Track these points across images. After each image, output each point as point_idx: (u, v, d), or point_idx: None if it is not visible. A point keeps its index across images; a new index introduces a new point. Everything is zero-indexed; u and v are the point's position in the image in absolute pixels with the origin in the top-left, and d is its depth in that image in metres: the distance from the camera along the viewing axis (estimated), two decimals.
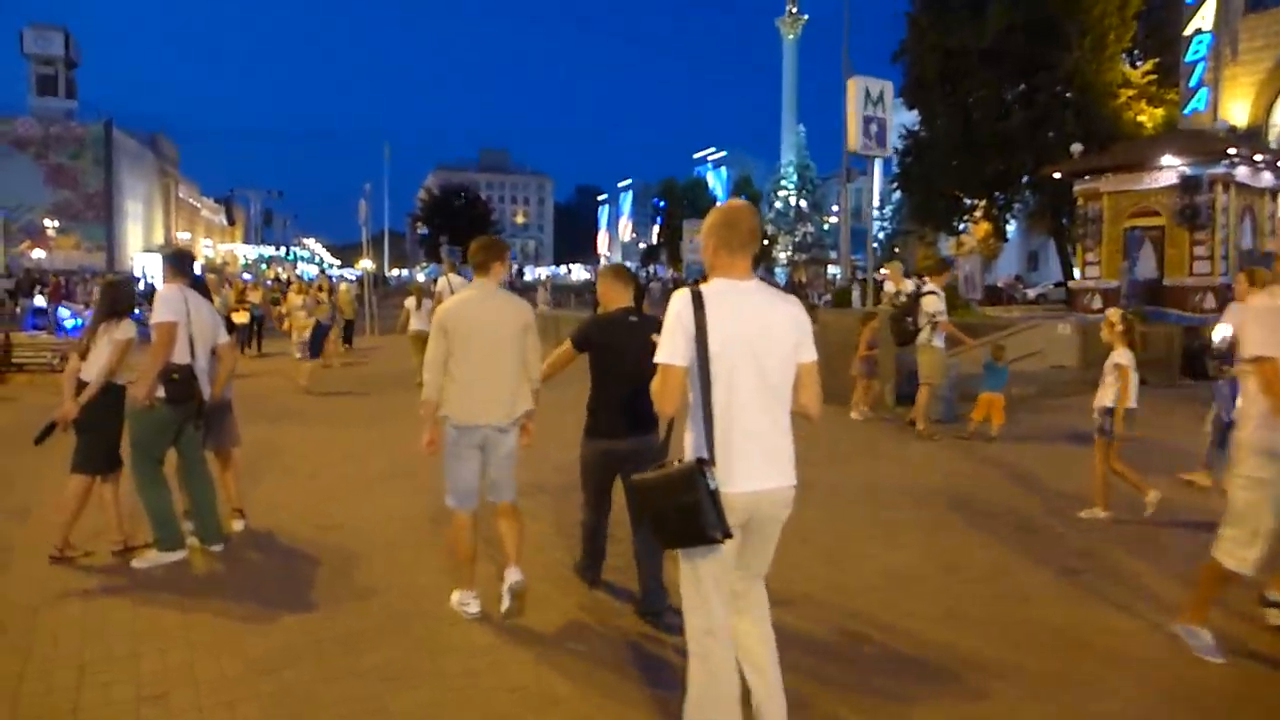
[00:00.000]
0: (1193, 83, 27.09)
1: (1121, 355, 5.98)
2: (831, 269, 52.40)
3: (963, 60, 29.49)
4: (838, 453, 8.02)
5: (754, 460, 2.78)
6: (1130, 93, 29.60)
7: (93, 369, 5.05)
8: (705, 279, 2.95)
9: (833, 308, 17.25)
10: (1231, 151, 17.12)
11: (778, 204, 62.33)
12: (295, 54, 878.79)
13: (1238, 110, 25.72)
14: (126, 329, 5.13)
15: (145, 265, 57.72)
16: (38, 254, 60.75)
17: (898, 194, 62.82)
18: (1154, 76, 29.98)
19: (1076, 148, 21.03)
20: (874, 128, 11.02)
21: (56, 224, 64.37)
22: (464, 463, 4.28)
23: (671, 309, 2.79)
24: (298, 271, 70.66)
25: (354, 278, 47.06)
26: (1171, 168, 17.43)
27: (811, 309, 4.75)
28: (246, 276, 62.95)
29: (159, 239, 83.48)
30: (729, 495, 2.70)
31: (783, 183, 63.60)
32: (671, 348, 2.77)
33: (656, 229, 73.78)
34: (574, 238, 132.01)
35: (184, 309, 5.08)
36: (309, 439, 9.05)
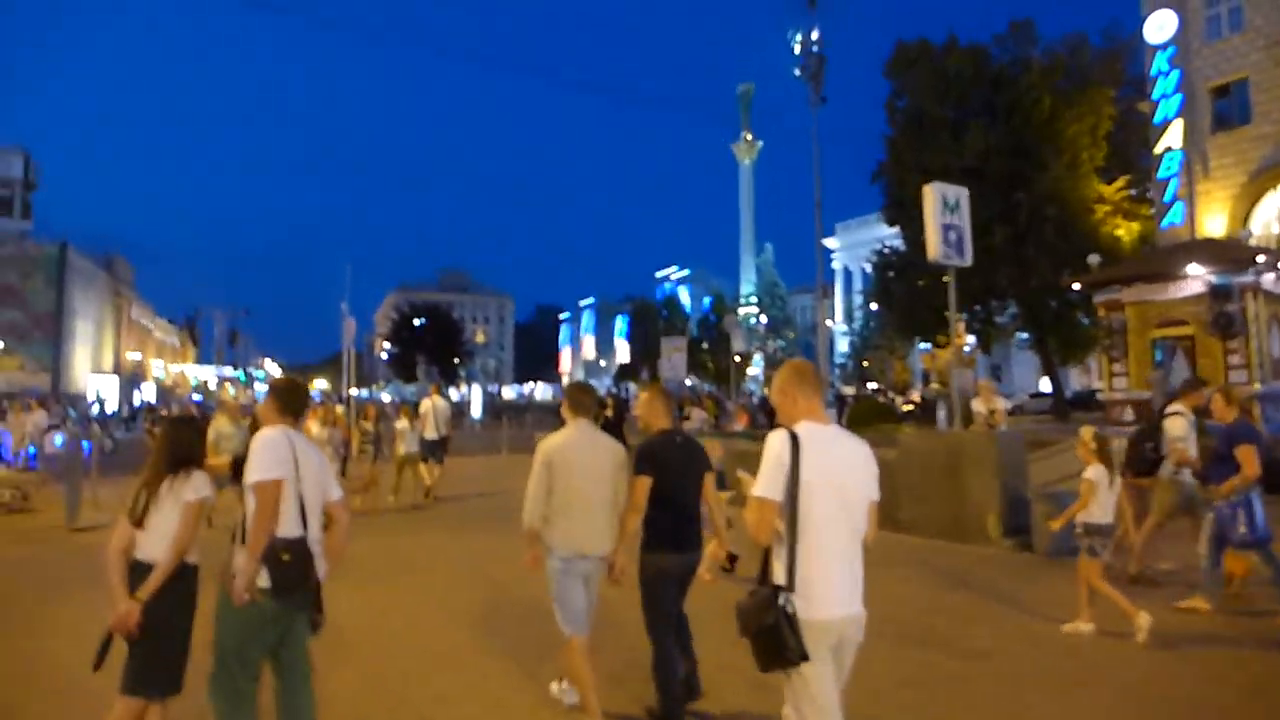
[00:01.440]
0: (1167, 198, 27.79)
1: (1090, 471, 6.04)
2: None
3: (942, 179, 29.83)
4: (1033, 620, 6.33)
5: (838, 588, 3.02)
6: (1106, 208, 30.26)
7: (155, 544, 3.60)
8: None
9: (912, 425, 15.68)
10: (1260, 259, 17.00)
11: (749, 322, 62.60)
12: (256, 176, 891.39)
13: (1214, 223, 26.20)
14: (199, 485, 3.72)
15: (98, 388, 55.32)
16: None
17: (870, 307, 64.20)
18: (1126, 193, 30.77)
19: (1094, 258, 21.00)
20: (953, 235, 10.42)
21: (1, 345, 61.97)
22: (572, 592, 4.50)
23: (770, 449, 3.06)
24: (253, 392, 68.58)
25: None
26: (1197, 277, 17.23)
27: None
28: (196, 398, 60.84)
29: (108, 360, 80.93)
30: (812, 622, 2.92)
31: (750, 299, 64.00)
32: (769, 483, 3.02)
33: (628, 348, 73.51)
34: (536, 356, 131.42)
35: (292, 459, 3.65)
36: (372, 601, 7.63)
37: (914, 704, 4.89)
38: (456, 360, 68.36)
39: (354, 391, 64.06)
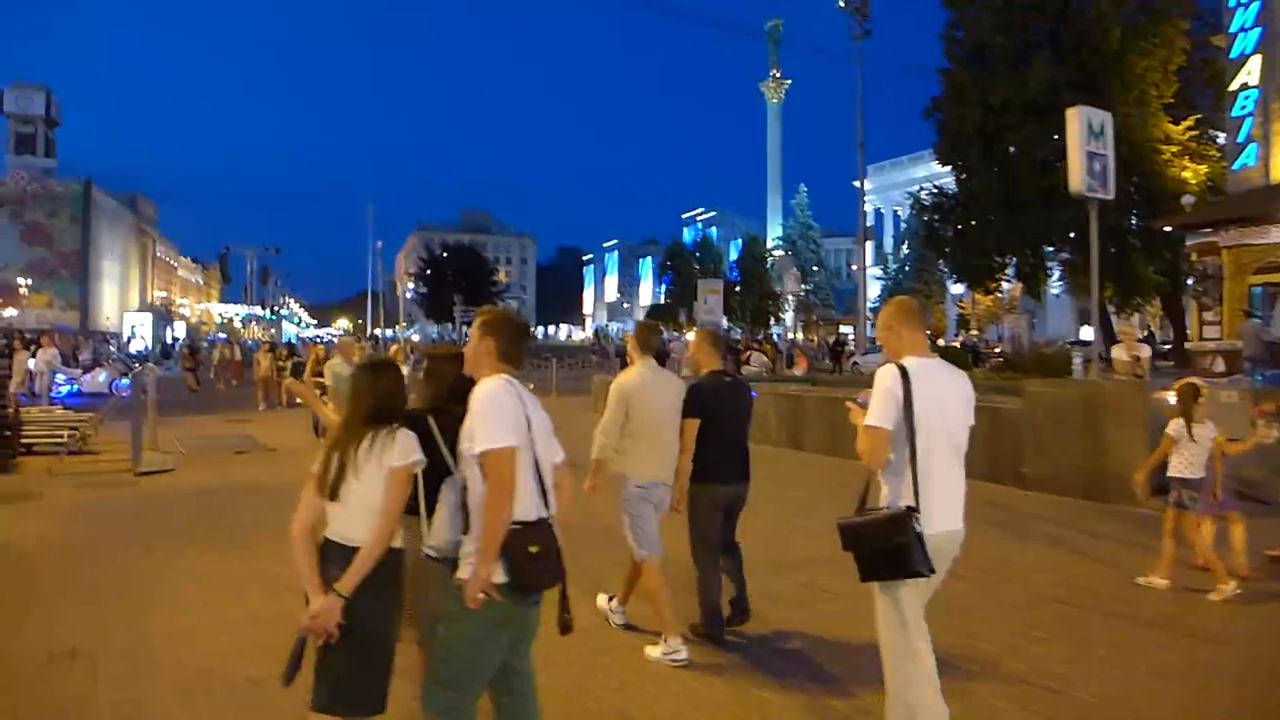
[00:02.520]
0: (1240, 138, 26.32)
1: (1171, 425, 6.06)
2: (844, 328, 51.21)
3: (1004, 115, 28.68)
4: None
5: (948, 507, 3.33)
6: (1173, 149, 28.86)
7: (352, 521, 2.82)
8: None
9: (1037, 377, 14.29)
10: None
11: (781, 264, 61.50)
12: (276, 116, 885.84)
13: None
14: (408, 447, 2.87)
15: (134, 324, 55.12)
16: (9, 312, 58.21)
17: (903, 251, 62.78)
18: (1195, 133, 29.33)
19: (1188, 199, 19.82)
20: (1097, 165, 9.55)
21: (29, 282, 61.88)
22: (648, 517, 4.84)
23: (882, 382, 3.30)
24: (273, 332, 68.33)
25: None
26: None
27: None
28: (221, 336, 60.74)
29: (135, 298, 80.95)
30: (929, 536, 3.20)
31: (783, 241, 62.68)
32: (882, 413, 3.27)
33: (653, 289, 72.46)
34: (557, 298, 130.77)
35: (524, 419, 2.87)
36: None
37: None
38: (487, 301, 67.82)
39: (379, 331, 63.62)
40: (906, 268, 59.97)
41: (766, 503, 7.09)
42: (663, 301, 70.92)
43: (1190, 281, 27.09)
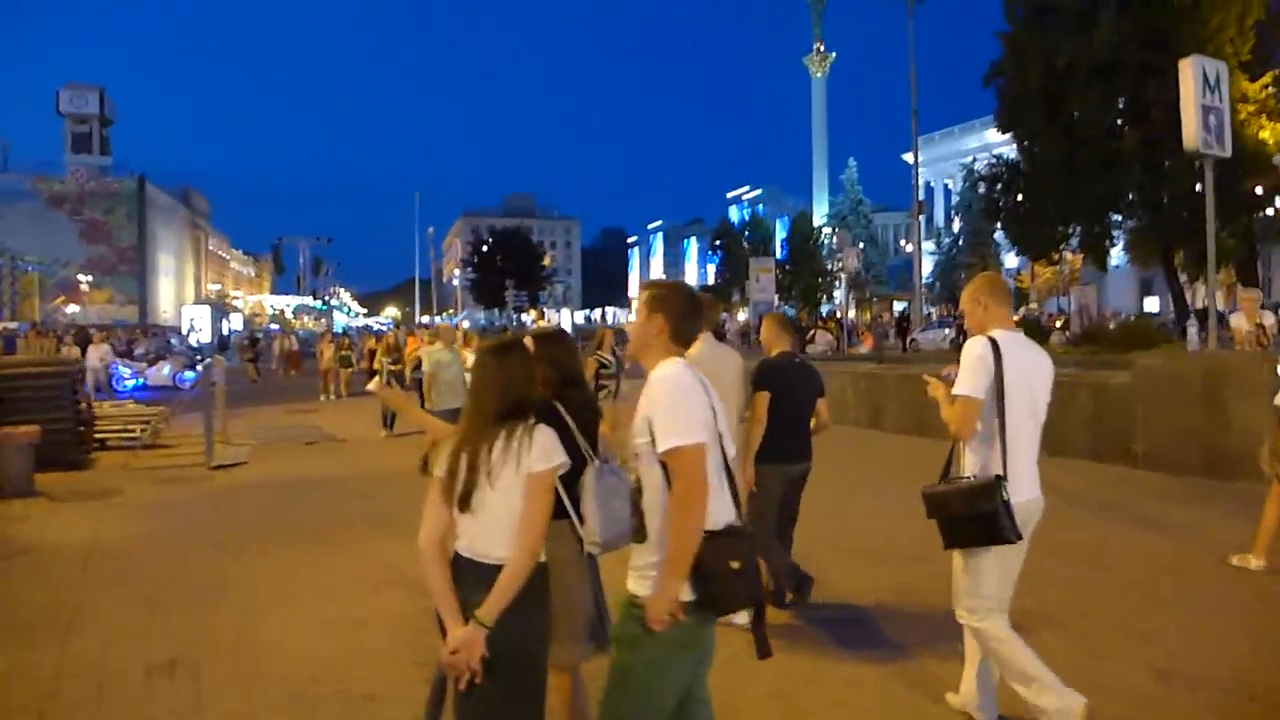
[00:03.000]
0: None
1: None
2: (897, 305, 50.08)
3: (1068, 78, 27.57)
4: None
5: (1031, 475, 3.48)
6: (1250, 108, 27.49)
7: (490, 535, 2.43)
8: None
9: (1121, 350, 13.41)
10: None
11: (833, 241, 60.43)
12: (324, 108, 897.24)
13: None
14: (549, 448, 2.47)
15: (193, 318, 56.08)
16: (72, 308, 59.67)
17: (958, 225, 61.23)
18: (1272, 90, 27.91)
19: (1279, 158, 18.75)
20: (1213, 120, 8.89)
21: (90, 278, 63.33)
22: None
23: (974, 352, 3.41)
24: (323, 322, 68.89)
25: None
26: None
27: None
28: (274, 328, 61.47)
29: (190, 291, 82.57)
30: (1016, 505, 3.29)
31: (835, 218, 61.54)
32: (975, 383, 3.37)
33: (698, 269, 71.64)
34: (602, 281, 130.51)
35: (711, 411, 2.52)
36: None
37: None
38: (538, 286, 67.67)
39: (427, 319, 64.03)
40: (960, 241, 58.48)
41: (836, 484, 7.18)
42: (711, 281, 70.18)
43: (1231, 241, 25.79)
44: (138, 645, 4.74)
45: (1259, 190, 19.33)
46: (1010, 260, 57.19)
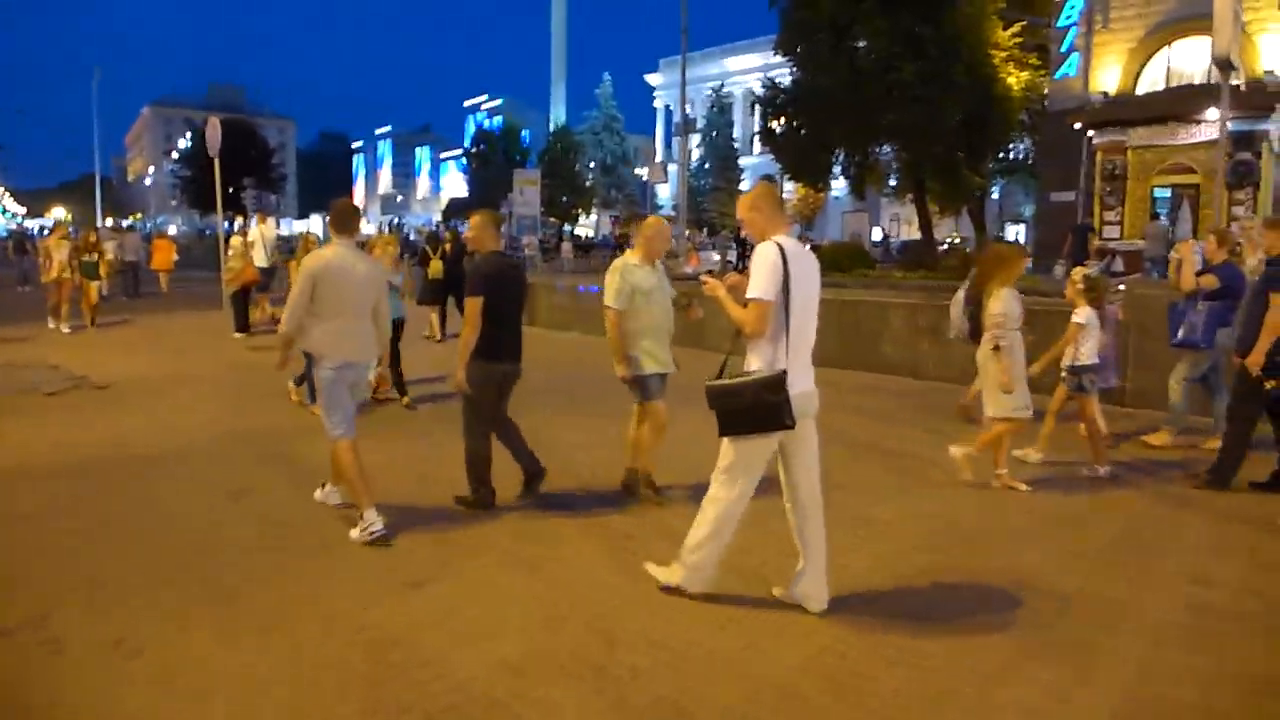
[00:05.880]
0: (1064, 47, 27.39)
1: (1079, 314, 6.48)
2: None
3: (854, 6, 27.88)
4: None
5: (807, 369, 3.93)
6: (1001, 54, 29.44)
7: None
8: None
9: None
10: None
11: (595, 156, 58.71)
12: None
13: (1107, 77, 26.04)
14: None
15: None
16: None
17: (697, 152, 61.94)
18: (1020, 39, 30.06)
19: (1096, 98, 19.73)
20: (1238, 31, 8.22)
21: None
22: (341, 398, 5.09)
23: (766, 257, 3.73)
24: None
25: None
26: (1213, 122, 16.38)
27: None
28: None
29: None
30: (795, 395, 3.73)
31: (595, 135, 59.79)
32: (768, 286, 3.70)
33: (464, 179, 66.50)
34: (319, 188, 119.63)
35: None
36: None
37: None
38: (267, 187, 59.50)
39: (110, 222, 54.18)
40: (706, 165, 59.48)
41: None
42: (464, 194, 65.98)
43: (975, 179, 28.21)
44: None
45: (1077, 126, 20.52)
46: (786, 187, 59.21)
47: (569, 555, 4.79)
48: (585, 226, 62.54)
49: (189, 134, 64.78)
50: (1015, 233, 47.22)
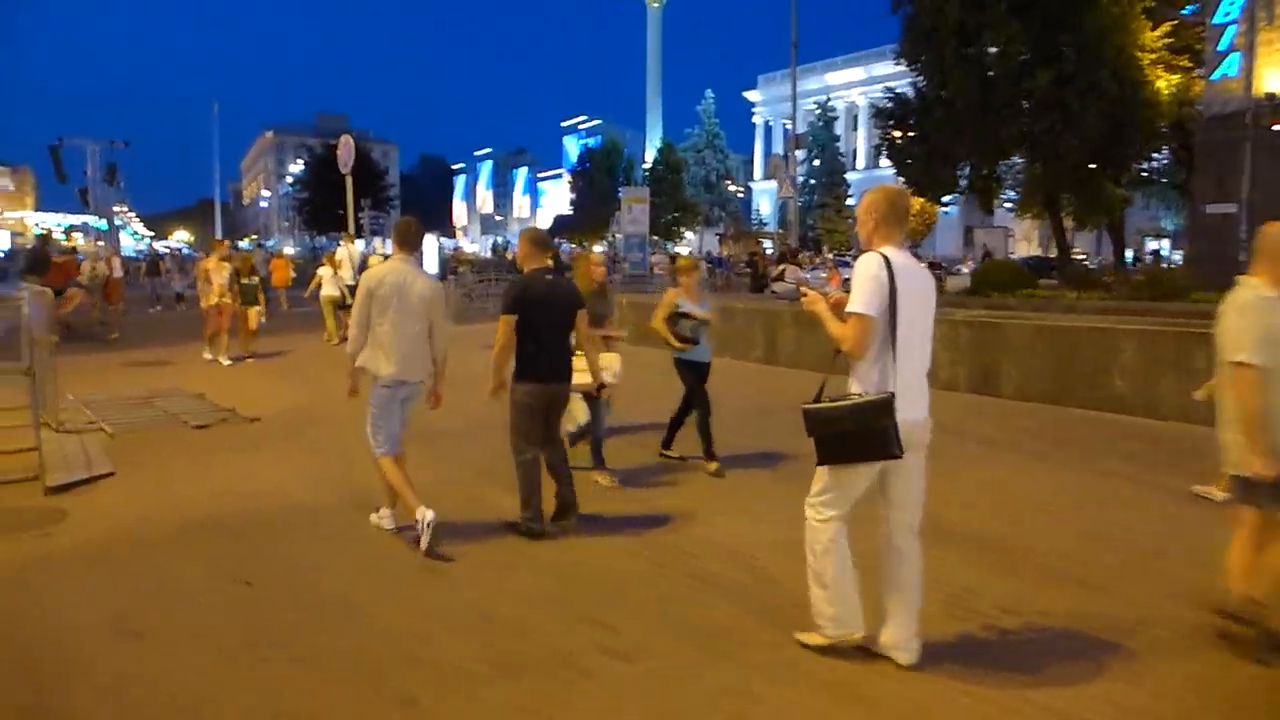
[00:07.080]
0: (1222, 46, 25.16)
1: None
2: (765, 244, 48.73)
3: (983, 12, 26.42)
4: None
5: (920, 395, 3.55)
6: (1150, 57, 27.43)
7: None
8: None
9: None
10: None
11: (698, 174, 58.04)
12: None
13: (1273, 78, 23.80)
14: None
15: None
16: None
17: (810, 166, 60.59)
18: (1170, 40, 27.96)
19: (1263, 100, 17.85)
20: None
21: None
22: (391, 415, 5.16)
23: (868, 270, 3.41)
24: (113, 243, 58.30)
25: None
26: None
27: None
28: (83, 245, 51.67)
29: None
30: (902, 422, 3.36)
31: (698, 152, 59.17)
32: (870, 301, 3.38)
33: (569, 200, 66.66)
34: (420, 210, 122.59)
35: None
36: None
37: None
38: (379, 208, 60.86)
39: (244, 244, 56.27)
40: (812, 181, 58.11)
41: None
42: (567, 212, 66.16)
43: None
44: None
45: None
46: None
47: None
48: (685, 244, 61.91)
49: (301, 159, 66.74)
50: (1157, 247, 44.45)
